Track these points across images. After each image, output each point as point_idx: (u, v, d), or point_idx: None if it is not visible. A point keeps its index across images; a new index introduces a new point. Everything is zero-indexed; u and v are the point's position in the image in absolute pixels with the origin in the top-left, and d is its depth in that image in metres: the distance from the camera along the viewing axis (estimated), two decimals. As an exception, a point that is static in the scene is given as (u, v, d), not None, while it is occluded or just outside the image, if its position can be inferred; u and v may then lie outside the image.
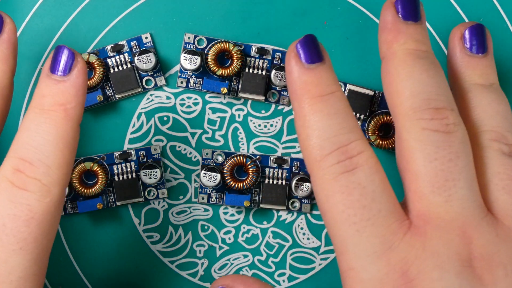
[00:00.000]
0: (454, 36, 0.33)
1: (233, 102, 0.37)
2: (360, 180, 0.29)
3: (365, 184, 0.29)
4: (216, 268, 0.37)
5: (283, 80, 0.36)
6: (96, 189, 0.35)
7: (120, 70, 0.36)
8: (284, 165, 0.36)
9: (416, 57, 0.30)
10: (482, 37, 0.33)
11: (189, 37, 0.36)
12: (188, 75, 0.36)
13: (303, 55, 0.30)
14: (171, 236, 0.37)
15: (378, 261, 0.28)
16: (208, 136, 0.37)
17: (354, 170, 0.29)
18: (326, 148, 0.29)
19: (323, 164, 0.29)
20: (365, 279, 0.28)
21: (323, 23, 0.37)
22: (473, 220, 0.28)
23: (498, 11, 0.37)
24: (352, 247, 0.28)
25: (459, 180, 0.28)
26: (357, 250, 0.28)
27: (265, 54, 0.36)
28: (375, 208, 0.28)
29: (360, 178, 0.29)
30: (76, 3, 0.36)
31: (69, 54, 0.30)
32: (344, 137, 0.29)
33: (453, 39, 0.33)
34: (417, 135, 0.29)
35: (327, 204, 0.29)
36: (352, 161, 0.29)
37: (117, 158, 0.36)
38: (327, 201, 0.29)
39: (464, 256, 0.28)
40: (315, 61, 0.30)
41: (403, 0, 0.32)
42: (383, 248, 0.28)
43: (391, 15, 0.31)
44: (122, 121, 0.36)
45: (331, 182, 0.29)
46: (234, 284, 0.32)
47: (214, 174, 0.35)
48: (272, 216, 0.37)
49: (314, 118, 0.29)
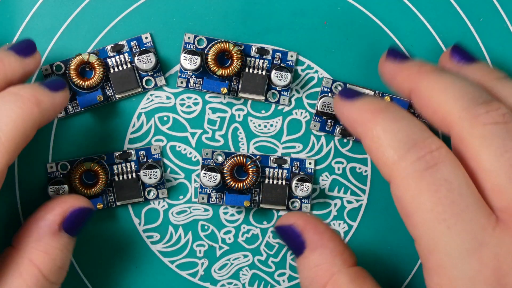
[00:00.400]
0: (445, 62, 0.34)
1: (233, 102, 0.37)
2: (446, 176, 0.28)
3: (451, 179, 0.28)
4: (216, 268, 0.37)
5: (283, 80, 0.36)
6: (96, 189, 0.35)
7: (120, 70, 0.36)
8: (284, 165, 0.36)
9: (438, 73, 0.31)
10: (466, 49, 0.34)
11: (189, 37, 0.36)
12: (188, 75, 0.36)
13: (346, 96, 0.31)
14: (171, 236, 0.37)
15: (470, 258, 0.28)
16: (208, 136, 0.37)
17: (437, 165, 0.28)
18: (402, 147, 0.29)
19: (404, 164, 0.29)
20: (456, 277, 0.28)
21: (323, 23, 0.37)
22: None
23: (498, 11, 0.37)
24: (443, 245, 0.28)
25: None
26: (448, 248, 0.28)
27: (265, 54, 0.36)
28: (463, 204, 0.28)
29: (445, 173, 0.28)
30: (76, 3, 0.36)
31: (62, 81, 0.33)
32: (417, 135, 0.29)
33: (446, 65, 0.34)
34: (480, 132, 0.29)
35: (414, 205, 0.28)
36: (433, 156, 0.29)
37: (117, 158, 0.36)
38: (413, 201, 0.28)
39: None
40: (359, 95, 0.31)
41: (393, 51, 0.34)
42: (475, 244, 0.28)
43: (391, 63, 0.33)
44: (122, 121, 0.36)
45: (416, 181, 0.28)
46: (305, 228, 0.32)
47: (214, 174, 0.35)
48: (272, 216, 0.37)
49: (381, 127, 0.29)
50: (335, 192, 0.37)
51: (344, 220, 0.37)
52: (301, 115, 0.37)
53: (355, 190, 0.37)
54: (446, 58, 0.34)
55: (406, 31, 0.37)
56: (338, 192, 0.37)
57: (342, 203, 0.37)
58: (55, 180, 0.35)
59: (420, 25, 0.37)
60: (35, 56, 0.33)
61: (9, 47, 0.33)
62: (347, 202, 0.37)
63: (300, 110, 0.37)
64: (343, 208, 0.37)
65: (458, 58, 0.34)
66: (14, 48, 0.33)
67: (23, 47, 0.33)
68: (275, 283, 0.37)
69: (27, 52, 0.33)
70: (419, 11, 0.37)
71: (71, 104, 0.36)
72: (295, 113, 0.37)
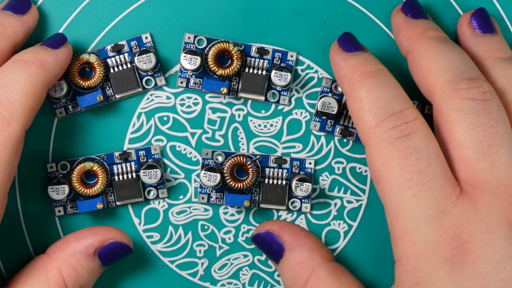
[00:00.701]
0: (462, 24, 0.35)
1: (233, 102, 0.37)
2: (416, 145, 0.29)
3: (421, 149, 0.29)
4: (216, 268, 0.37)
5: (283, 80, 0.36)
6: (96, 189, 0.35)
7: (120, 70, 0.36)
8: (284, 165, 0.36)
9: (438, 41, 0.32)
10: (488, 18, 0.35)
11: (189, 37, 0.36)
12: (188, 75, 0.36)
13: (345, 47, 0.33)
14: (171, 236, 0.37)
15: (432, 225, 0.29)
16: (208, 136, 0.37)
17: (410, 135, 0.30)
18: (380, 114, 0.30)
19: (379, 130, 0.30)
20: (419, 242, 0.29)
21: (323, 23, 0.37)
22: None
23: (498, 11, 0.37)
24: (407, 211, 0.29)
25: (501, 145, 0.29)
26: (412, 214, 0.29)
27: (265, 54, 0.36)
28: (430, 173, 0.29)
29: (416, 143, 0.30)
30: (76, 3, 0.36)
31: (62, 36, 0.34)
32: (397, 105, 0.30)
33: (462, 26, 0.35)
34: (457, 105, 0.30)
35: (383, 170, 0.30)
36: (407, 126, 0.30)
37: (117, 158, 0.36)
38: (383, 166, 0.30)
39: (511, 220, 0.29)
40: (357, 49, 0.33)
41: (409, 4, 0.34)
42: (437, 211, 0.29)
43: (402, 17, 0.34)
44: (122, 121, 0.36)
45: (387, 147, 0.30)
46: (281, 231, 0.35)
47: (214, 174, 0.35)
48: (272, 216, 0.37)
49: (365, 91, 0.31)
50: (335, 192, 0.37)
51: (344, 220, 0.37)
52: (301, 115, 0.37)
53: (355, 190, 0.37)
54: (465, 20, 0.35)
55: (406, 31, 0.37)
56: (338, 192, 0.37)
57: (342, 203, 0.37)
58: (55, 180, 0.35)
59: (420, 25, 0.37)
60: (32, 10, 0.34)
61: (4, 7, 0.34)
62: (347, 202, 0.37)
63: (300, 110, 0.37)
64: (343, 208, 0.37)
65: (475, 24, 0.34)
66: (11, 7, 0.34)
67: (19, 4, 0.34)
68: (275, 283, 0.37)
69: (25, 9, 0.34)
70: (419, 11, 0.37)
71: (71, 104, 0.36)
72: (295, 113, 0.37)
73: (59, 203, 0.36)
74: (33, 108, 0.32)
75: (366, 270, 0.37)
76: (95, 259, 0.34)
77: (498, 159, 0.29)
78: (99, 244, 0.34)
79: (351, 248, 0.37)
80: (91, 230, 0.34)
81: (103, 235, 0.34)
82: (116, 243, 0.34)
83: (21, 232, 0.36)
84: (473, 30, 0.34)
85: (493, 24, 0.35)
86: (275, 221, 0.35)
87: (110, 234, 0.34)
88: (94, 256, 0.34)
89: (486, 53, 0.34)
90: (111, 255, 0.34)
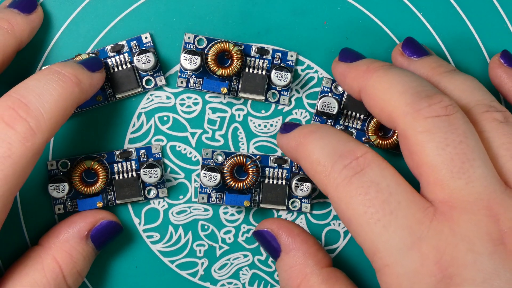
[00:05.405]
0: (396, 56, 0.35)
1: (233, 102, 0.37)
2: (373, 178, 0.29)
3: (378, 180, 0.29)
4: (216, 268, 0.37)
5: (283, 80, 0.36)
6: (96, 188, 0.35)
7: (120, 70, 0.36)
8: (284, 165, 0.36)
9: (385, 69, 0.32)
10: (417, 43, 0.35)
11: (189, 37, 0.36)
12: (188, 75, 0.36)
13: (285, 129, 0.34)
14: (171, 236, 0.37)
15: (410, 253, 0.28)
16: (208, 136, 0.37)
17: (364, 170, 0.29)
18: (329, 160, 0.30)
19: (333, 174, 0.30)
20: (401, 273, 0.28)
21: (323, 23, 0.37)
22: (496, 197, 0.28)
23: (498, 11, 0.37)
24: (382, 245, 0.28)
25: (475, 160, 0.29)
26: (388, 246, 0.28)
27: (265, 54, 0.36)
28: (394, 201, 0.29)
29: (372, 176, 0.29)
30: (76, 3, 0.36)
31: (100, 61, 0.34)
32: (343, 146, 0.30)
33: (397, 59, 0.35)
34: (422, 126, 0.29)
35: (349, 211, 0.29)
36: (358, 162, 0.30)
37: (118, 157, 0.36)
38: (348, 208, 0.29)
39: (494, 235, 0.28)
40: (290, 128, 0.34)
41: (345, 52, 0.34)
42: (413, 238, 0.28)
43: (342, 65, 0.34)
44: (122, 121, 0.36)
45: (345, 188, 0.29)
46: (279, 232, 0.34)
47: (214, 174, 0.35)
48: (272, 216, 0.37)
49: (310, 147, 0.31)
50: (335, 192, 0.37)
51: (344, 220, 0.37)
52: (301, 115, 0.37)
53: (355, 190, 0.37)
54: (398, 52, 0.35)
55: (406, 31, 0.37)
56: (338, 192, 0.37)
57: (342, 203, 0.37)
58: (55, 178, 0.35)
59: (420, 25, 0.37)
60: (38, 10, 0.34)
61: (10, 4, 0.34)
62: (347, 202, 0.37)
63: (300, 110, 0.37)
64: (343, 208, 0.37)
65: (408, 52, 0.34)
66: (17, 5, 0.34)
67: (26, 3, 0.34)
68: (275, 283, 0.37)
69: (31, 9, 0.34)
70: (419, 11, 0.37)
71: (71, 104, 0.36)
72: (295, 113, 0.37)
73: (59, 201, 0.36)
74: (60, 123, 0.31)
75: (366, 270, 0.37)
76: (88, 242, 0.34)
77: (473, 175, 0.28)
78: (90, 227, 0.34)
79: (351, 248, 0.37)
80: (80, 215, 0.35)
81: (93, 217, 0.34)
82: (106, 222, 0.35)
83: (20, 230, 0.36)
84: (408, 58, 0.34)
85: (425, 47, 0.35)
86: (276, 220, 0.35)
87: (99, 215, 0.35)
88: (87, 239, 0.34)
89: (430, 71, 0.33)
90: (103, 236, 0.34)
